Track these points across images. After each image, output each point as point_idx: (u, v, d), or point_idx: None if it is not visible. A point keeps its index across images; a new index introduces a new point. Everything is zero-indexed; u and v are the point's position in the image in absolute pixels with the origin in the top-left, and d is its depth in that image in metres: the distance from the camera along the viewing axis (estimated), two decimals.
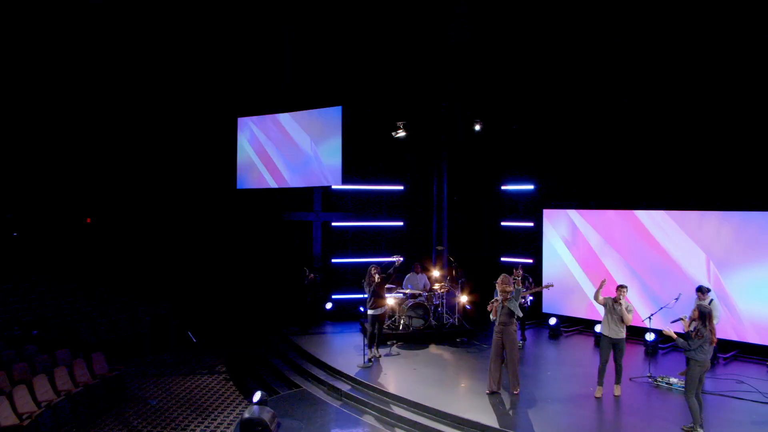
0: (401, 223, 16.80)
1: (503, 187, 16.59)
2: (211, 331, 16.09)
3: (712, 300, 10.34)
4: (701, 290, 10.40)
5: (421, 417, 8.89)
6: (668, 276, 13.12)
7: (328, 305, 16.12)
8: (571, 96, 14.27)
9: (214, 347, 15.10)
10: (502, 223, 16.64)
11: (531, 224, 15.97)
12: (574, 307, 14.85)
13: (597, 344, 12.92)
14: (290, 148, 17.43)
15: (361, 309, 15.74)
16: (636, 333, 12.83)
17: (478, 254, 16.64)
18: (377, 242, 16.72)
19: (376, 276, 11.66)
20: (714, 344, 7.91)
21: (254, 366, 13.01)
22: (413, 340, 13.25)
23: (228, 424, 10.18)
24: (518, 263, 13.09)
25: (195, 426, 9.98)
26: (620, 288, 9.90)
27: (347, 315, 15.77)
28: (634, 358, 11.89)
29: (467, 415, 8.57)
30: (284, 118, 17.44)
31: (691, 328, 7.96)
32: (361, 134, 16.56)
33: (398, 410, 9.23)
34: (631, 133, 13.71)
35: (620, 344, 9.60)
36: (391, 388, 9.94)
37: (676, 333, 8.42)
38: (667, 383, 10.03)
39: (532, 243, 15.87)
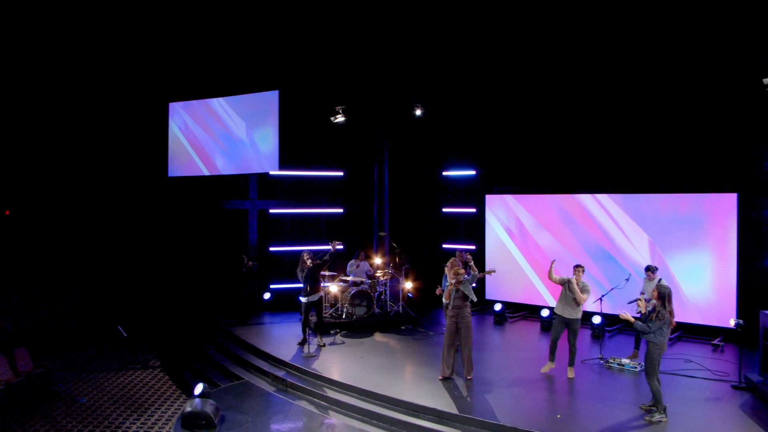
0: (341, 210, 16.39)
1: (445, 173, 16.42)
2: (143, 324, 15.23)
3: (660, 279, 10.46)
4: (650, 269, 10.52)
5: (375, 406, 8.54)
6: (614, 259, 13.29)
7: (267, 295, 15.56)
8: (512, 80, 14.21)
9: (147, 341, 14.27)
10: (444, 210, 16.49)
11: (473, 210, 15.88)
12: (518, 293, 14.86)
13: (544, 329, 12.99)
14: (224, 134, 16.70)
15: (300, 299, 15.28)
16: (583, 317, 12.93)
17: (419, 241, 16.44)
18: (317, 229, 16.25)
19: (308, 261, 11.32)
20: (673, 326, 7.90)
21: (191, 359, 12.33)
22: (357, 328, 12.90)
23: (167, 419, 9.54)
24: (461, 250, 12.92)
25: (130, 423, 9.28)
26: (576, 268, 9.87)
27: (287, 305, 15.24)
28: (581, 341, 11.88)
29: (422, 401, 8.28)
30: (218, 102, 16.69)
31: (649, 309, 7.93)
32: (299, 119, 16.05)
33: (349, 399, 8.84)
34: (573, 118, 13.79)
35: (573, 324, 9.55)
36: (340, 376, 9.54)
37: (633, 316, 8.42)
38: (618, 364, 10.07)
39: (474, 229, 15.79)
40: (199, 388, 8.38)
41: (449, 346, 9.31)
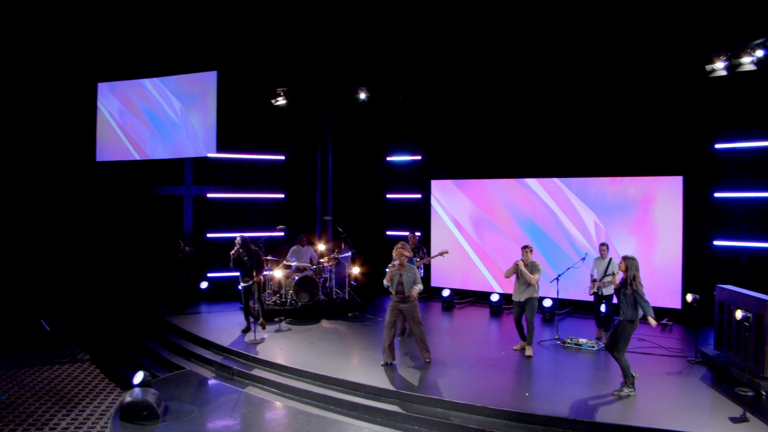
0: (282, 195, 15.77)
1: (389, 159, 16.07)
2: (70, 317, 14.18)
3: (611, 258, 10.48)
4: (605, 246, 10.56)
5: (332, 390, 8.08)
6: (562, 242, 13.30)
7: (204, 285, 14.80)
8: (457, 64, 14.00)
9: (74, 334, 13.25)
10: (388, 196, 16.13)
11: (418, 196, 15.61)
12: (465, 279, 14.70)
13: (493, 313, 12.86)
14: (158, 117, 15.85)
15: (241, 285, 14.61)
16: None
17: (363, 228, 16.04)
18: (257, 215, 15.56)
19: (243, 251, 10.85)
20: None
21: (124, 350, 11.51)
22: (302, 316, 12.39)
23: (100, 414, 8.76)
24: (413, 232, 12.59)
25: (59, 419, 8.45)
26: (524, 248, 9.75)
27: (226, 294, 14.56)
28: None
29: (382, 384, 7.90)
30: (152, 83, 15.83)
31: (617, 281, 7.85)
32: (238, 102, 15.40)
33: (303, 385, 8.34)
34: (520, 102, 13.72)
35: (530, 303, 9.45)
36: (291, 362, 9.03)
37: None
38: (576, 344, 9.99)
39: (419, 215, 15.51)
40: (139, 377, 7.69)
41: (388, 331, 8.90)
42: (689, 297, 9.47)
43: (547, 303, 12.33)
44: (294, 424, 7.14)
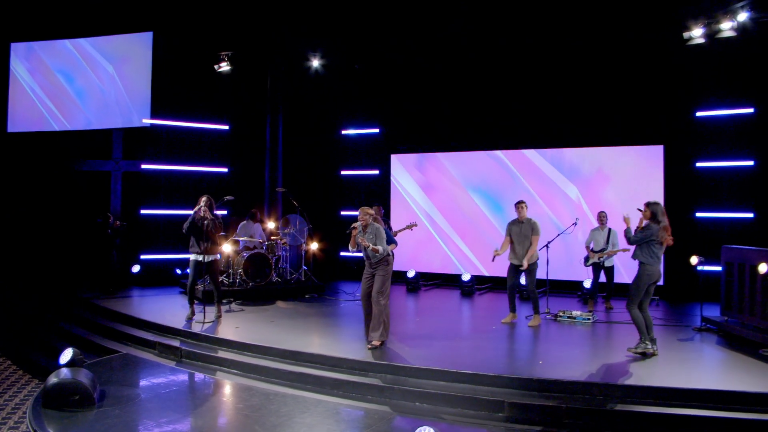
0: (225, 170, 14.23)
1: (345, 132, 14.79)
2: None
3: (610, 229, 9.69)
4: (604, 214, 9.83)
5: (305, 367, 6.77)
6: (541, 216, 12.30)
7: (136, 268, 13.09)
8: (419, 28, 12.91)
9: None
10: (344, 172, 14.84)
11: (376, 172, 14.41)
12: (429, 261, 13.60)
13: (465, 294, 11.84)
14: (84, 82, 14.11)
15: (178, 271, 13.03)
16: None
17: (316, 207, 14.71)
18: (197, 191, 13.83)
19: (206, 211, 8.97)
20: (669, 244, 6.87)
21: (40, 337, 9.76)
22: (254, 297, 10.98)
23: (14, 408, 7.13)
24: (378, 204, 11.38)
25: None
26: (519, 205, 8.74)
27: (162, 279, 12.93)
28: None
29: (367, 357, 6.67)
30: (77, 45, 14.08)
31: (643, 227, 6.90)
32: (176, 67, 13.78)
33: (270, 363, 6.98)
34: (490, 68, 12.79)
35: (529, 268, 8.44)
36: (252, 340, 7.65)
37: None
38: (569, 317, 9.04)
39: (378, 193, 14.30)
40: (67, 354, 6.14)
41: (364, 302, 7.57)
42: (694, 259, 8.72)
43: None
44: (269, 406, 5.79)
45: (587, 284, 10.76)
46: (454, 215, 13.34)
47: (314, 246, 11.87)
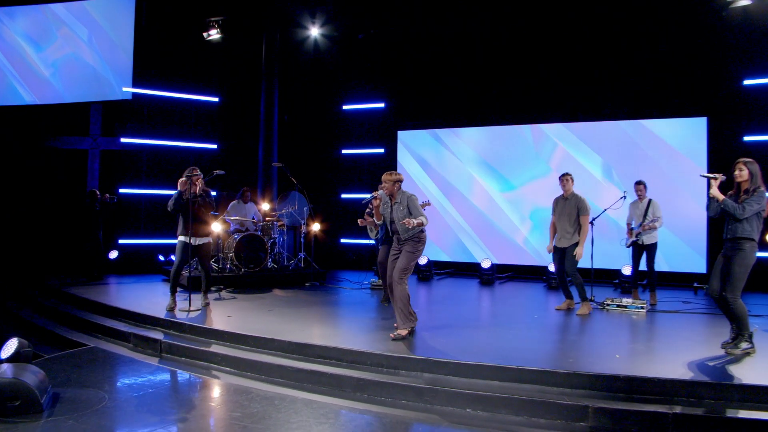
0: (215, 146, 12.81)
1: (346, 107, 13.38)
2: None
3: (651, 199, 8.36)
4: (642, 184, 8.46)
5: (310, 362, 5.40)
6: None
7: (114, 254, 11.62)
8: None
9: None
10: (345, 151, 13.44)
11: (381, 150, 13.02)
12: (441, 247, 12.26)
13: (485, 283, 10.50)
14: (58, 51, 12.64)
15: (161, 257, 11.58)
16: (539, 272, 10.78)
17: (314, 189, 13.33)
18: (183, 168, 12.47)
19: (199, 183, 7.66)
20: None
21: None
22: (247, 284, 9.60)
23: None
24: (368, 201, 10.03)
25: None
26: (563, 177, 7.47)
27: (143, 266, 11.52)
28: (537, 292, 9.64)
29: (394, 351, 5.30)
30: (49, 9, 12.55)
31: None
32: (162, 33, 12.38)
33: (274, 359, 5.59)
34: (513, 33, 11.47)
35: (569, 250, 7.29)
36: (250, 330, 6.25)
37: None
38: (619, 305, 7.73)
39: (382, 173, 12.89)
40: (10, 346, 4.74)
41: (388, 283, 6.28)
42: None
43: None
44: (274, 414, 4.40)
45: (626, 271, 9.47)
46: (469, 198, 12.00)
47: (316, 227, 10.45)
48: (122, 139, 12.06)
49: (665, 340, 6.13)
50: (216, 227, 9.54)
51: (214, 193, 11.82)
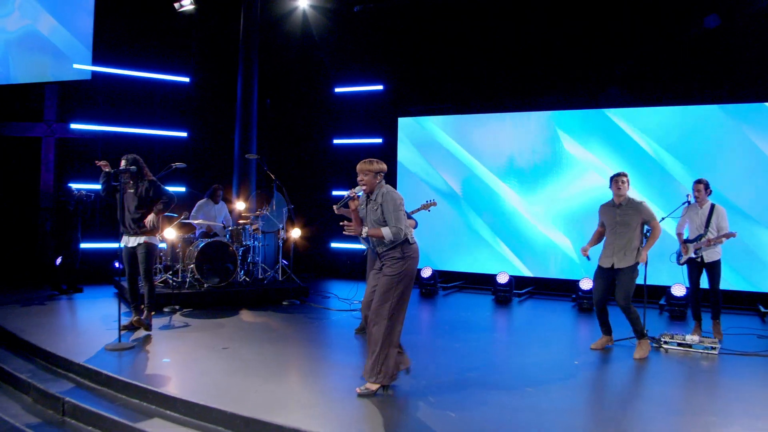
0: (184, 134, 11.02)
1: (339, 90, 11.57)
2: None
3: (714, 205, 6.55)
4: (702, 183, 6.62)
5: None
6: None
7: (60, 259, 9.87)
8: None
9: None
10: (336, 141, 11.65)
11: (379, 140, 11.22)
12: (449, 256, 10.48)
13: (499, 301, 8.74)
14: (6, 23, 10.87)
15: (117, 264, 9.82)
16: (566, 287, 9.00)
17: (300, 185, 11.57)
18: (147, 160, 10.71)
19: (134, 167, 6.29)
20: None
21: None
22: (210, 303, 7.83)
23: None
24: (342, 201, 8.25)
25: None
26: (616, 178, 5.68)
27: (94, 274, 9.77)
28: (566, 315, 7.85)
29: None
30: None
31: None
32: (125, 4, 10.62)
33: None
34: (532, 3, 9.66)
35: (624, 274, 5.62)
36: (181, 389, 4.48)
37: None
38: (680, 344, 5.93)
39: None
40: None
41: (365, 312, 4.52)
42: None
43: (586, 285, 8.31)
44: None
45: (677, 291, 7.69)
46: (483, 197, 10.22)
47: (295, 233, 8.61)
48: (72, 125, 10.32)
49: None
50: (170, 233, 7.77)
51: (182, 189, 10.18)
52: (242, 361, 5.27)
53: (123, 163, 6.21)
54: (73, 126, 10.36)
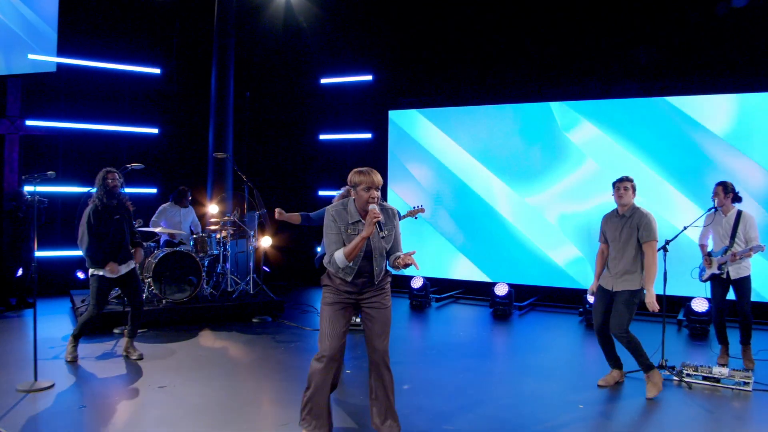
0: (155, 130, 10.11)
1: (324, 81, 10.60)
2: None
3: (741, 212, 5.55)
4: (724, 186, 5.61)
5: None
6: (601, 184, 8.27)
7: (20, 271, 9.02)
8: None
9: None
10: (322, 137, 10.70)
11: (368, 135, 10.27)
12: (443, 263, 9.53)
13: (498, 316, 7.81)
14: None
15: (80, 275, 8.95)
16: (573, 298, 8.08)
17: (283, 186, 10.66)
18: (113, 159, 9.81)
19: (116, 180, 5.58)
20: None
21: None
22: (168, 322, 6.94)
23: None
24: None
25: None
26: (619, 184, 4.80)
27: (53, 285, 8.92)
28: (572, 333, 6.90)
29: None
30: None
31: None
32: None
33: None
34: None
35: (623, 297, 4.70)
36: None
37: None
38: (706, 377, 4.95)
39: (371, 165, 10.15)
40: None
41: (324, 367, 3.50)
42: None
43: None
44: None
45: (698, 306, 6.73)
46: (480, 198, 9.25)
47: (265, 242, 7.63)
48: (35, 122, 9.45)
49: None
50: None
51: (153, 191, 9.33)
52: (179, 405, 4.36)
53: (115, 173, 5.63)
54: (36, 123, 9.49)
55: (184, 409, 4.28)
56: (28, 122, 9.57)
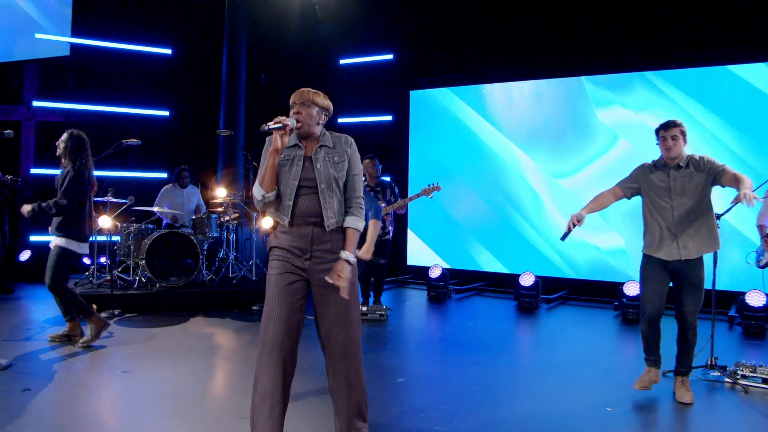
0: (166, 113, 9.68)
1: (344, 62, 10.02)
2: None
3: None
4: None
5: None
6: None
7: (25, 255, 8.73)
8: None
9: None
10: (340, 120, 10.05)
11: (389, 118, 9.64)
12: (465, 252, 8.81)
13: (523, 309, 7.08)
14: None
15: (86, 261, 8.55)
16: (607, 292, 7.32)
17: None
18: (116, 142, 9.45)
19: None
20: None
21: None
22: (160, 307, 6.42)
23: None
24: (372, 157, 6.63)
25: None
26: (668, 129, 3.90)
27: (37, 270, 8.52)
28: (608, 329, 6.12)
29: None
30: None
31: None
32: None
33: None
34: None
35: (693, 270, 3.77)
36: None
37: None
38: (766, 379, 4.15)
39: (390, 148, 9.53)
40: None
41: (278, 351, 2.68)
42: None
43: (632, 291, 6.55)
44: None
45: (754, 300, 5.86)
46: (507, 182, 8.51)
47: (266, 223, 7.03)
48: (34, 103, 9.16)
49: None
50: (106, 221, 6.42)
51: (164, 176, 8.91)
52: (134, 392, 3.79)
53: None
54: (48, 104, 9.19)
55: (137, 396, 3.72)
56: (41, 104, 9.29)
